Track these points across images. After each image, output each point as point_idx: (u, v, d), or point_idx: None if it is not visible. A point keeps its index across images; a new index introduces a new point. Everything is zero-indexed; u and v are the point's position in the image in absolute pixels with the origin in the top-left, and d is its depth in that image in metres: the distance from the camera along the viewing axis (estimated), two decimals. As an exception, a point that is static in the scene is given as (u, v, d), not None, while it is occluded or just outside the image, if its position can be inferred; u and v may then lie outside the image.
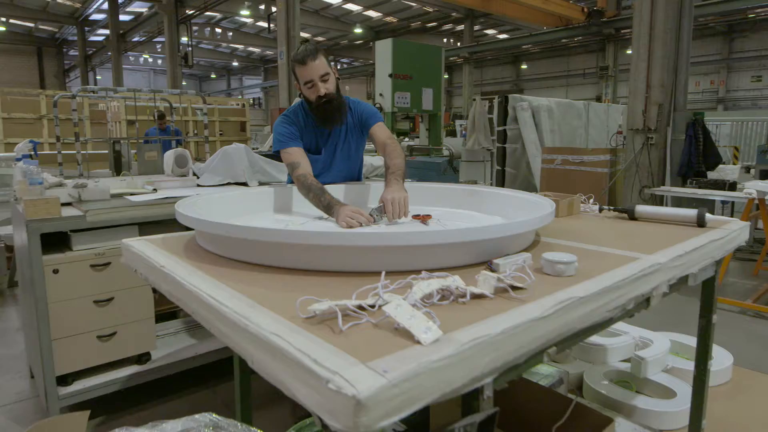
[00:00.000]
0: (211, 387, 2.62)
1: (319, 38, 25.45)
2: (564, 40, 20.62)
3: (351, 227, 1.61)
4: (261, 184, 2.99)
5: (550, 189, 7.69)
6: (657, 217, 1.81)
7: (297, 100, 3.73)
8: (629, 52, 21.15)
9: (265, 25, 22.56)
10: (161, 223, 2.32)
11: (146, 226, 2.29)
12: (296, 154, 1.95)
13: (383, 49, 6.32)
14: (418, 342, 0.75)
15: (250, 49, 27.94)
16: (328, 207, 1.71)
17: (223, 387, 2.62)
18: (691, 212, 1.73)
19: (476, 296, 0.97)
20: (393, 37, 6.21)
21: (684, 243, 1.46)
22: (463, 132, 16.54)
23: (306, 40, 1.93)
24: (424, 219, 1.74)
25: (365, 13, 21.79)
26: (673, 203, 6.31)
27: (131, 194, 2.47)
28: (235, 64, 31.42)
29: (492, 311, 0.89)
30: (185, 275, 1.11)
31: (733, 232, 1.67)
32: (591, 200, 2.09)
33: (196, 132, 10.12)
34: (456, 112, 22.30)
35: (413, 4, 19.95)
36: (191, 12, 15.69)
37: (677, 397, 2.08)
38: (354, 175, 2.23)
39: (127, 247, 1.43)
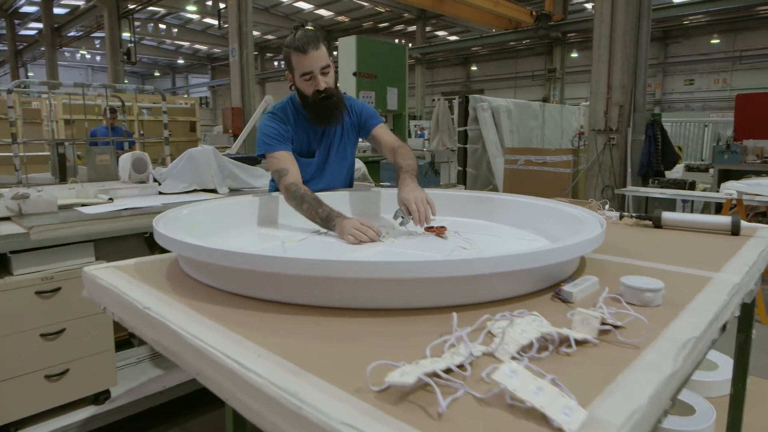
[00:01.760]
0: (181, 424, 2.29)
1: (269, 36, 24.83)
2: (512, 43, 21.04)
3: (360, 242, 1.38)
4: (231, 190, 2.69)
5: (513, 189, 7.69)
6: (686, 224, 1.67)
7: (268, 100, 3.38)
8: (574, 55, 21.97)
9: (213, 21, 21.72)
10: (121, 239, 2.00)
11: (103, 244, 1.96)
12: (284, 158, 1.69)
13: (347, 46, 6.07)
14: (560, 429, 0.53)
15: (197, 46, 26.88)
16: (327, 220, 1.47)
17: (195, 423, 2.30)
18: (725, 219, 1.61)
19: (578, 343, 0.76)
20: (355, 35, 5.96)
21: (739, 256, 1.32)
22: (419, 132, 16.53)
23: (302, 25, 1.67)
24: (439, 231, 1.54)
25: (316, 12, 21.40)
26: (634, 203, 6.42)
27: (83, 205, 2.12)
28: (181, 61, 30.15)
29: (612, 366, 0.69)
30: (181, 321, 0.84)
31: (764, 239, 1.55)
32: (606, 206, 1.94)
33: (142, 132, 9.48)
34: (409, 113, 22.25)
35: (365, 4, 19.73)
36: (133, 6, 14.82)
37: (697, 413, 1.97)
38: (348, 180, 1.99)
39: (91, 278, 1.13)
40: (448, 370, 0.65)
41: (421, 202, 1.47)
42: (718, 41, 19.76)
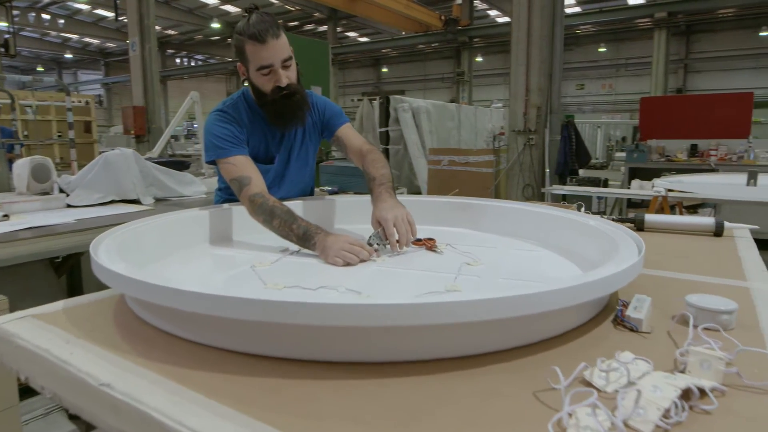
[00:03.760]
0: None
1: (171, 31, 23.31)
2: (421, 46, 21.48)
3: (349, 264, 1.17)
4: (157, 200, 2.32)
5: (438, 189, 7.74)
6: (670, 226, 1.63)
7: (194, 97, 3.09)
8: (479, 59, 22.88)
9: (105, 13, 19.91)
10: (23, 266, 1.60)
11: (0, 273, 1.55)
12: (243, 164, 1.42)
13: (267, 42, 5.70)
14: None
15: (87, 39, 24.55)
16: (305, 238, 1.24)
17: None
18: (708, 221, 1.58)
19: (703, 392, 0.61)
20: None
21: (748, 260, 1.27)
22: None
23: (256, 7, 1.40)
24: (430, 245, 1.35)
25: (222, 7, 20.40)
26: (552, 200, 6.68)
27: (-33, 225, 1.68)
28: (69, 56, 27.38)
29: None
30: (166, 406, 0.58)
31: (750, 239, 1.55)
32: (582, 209, 1.87)
33: (26, 134, 8.39)
34: (323, 114, 21.87)
35: (275, 1, 19.13)
36: (10, -8, 13.13)
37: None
38: (308, 188, 1.74)
39: (3, 338, 0.81)
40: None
41: (402, 222, 1.27)
42: (605, 49, 21.46)
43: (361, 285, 1.03)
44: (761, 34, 16.77)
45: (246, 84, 1.49)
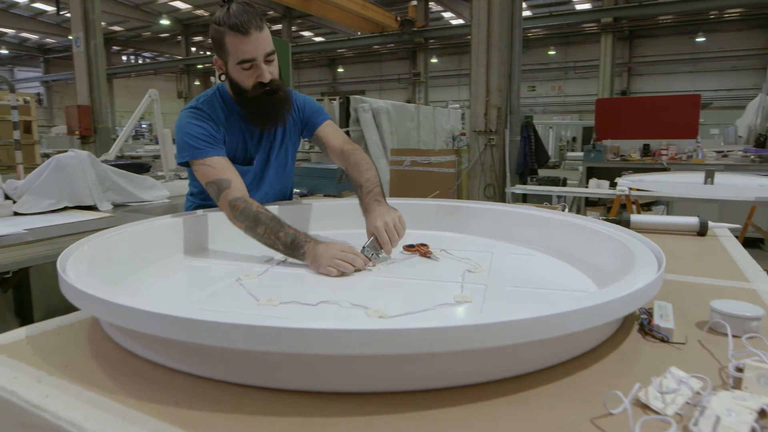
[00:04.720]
0: None
1: (116, 27, 22.32)
2: (377, 47, 21.50)
3: (343, 274, 1.09)
4: (115, 206, 2.15)
5: (400, 190, 7.72)
6: (655, 226, 1.63)
7: (153, 95, 3.00)
8: (434, 60, 23.12)
9: (45, 7, 18.84)
10: (-33, 283, 1.43)
11: (-62, 292, 1.37)
12: (221, 166, 1.30)
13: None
14: None
15: (25, 34, 23.15)
16: (294, 246, 1.15)
17: None
18: (693, 221, 1.59)
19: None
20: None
21: (742, 261, 1.28)
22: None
23: (233, -3, 1.30)
24: (424, 251, 1.29)
25: (172, 3, 19.70)
26: (513, 200, 6.78)
27: None
28: (4, 51, 25.74)
29: None
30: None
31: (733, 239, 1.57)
32: (566, 210, 1.85)
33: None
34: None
35: (227, -2, 18.64)
36: (-65, -19, 12.21)
37: None
38: (287, 192, 1.64)
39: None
40: None
41: (392, 227, 1.20)
42: (554, 53, 22.11)
43: (364, 298, 0.95)
44: (698, 39, 17.70)
45: (222, 79, 1.38)
